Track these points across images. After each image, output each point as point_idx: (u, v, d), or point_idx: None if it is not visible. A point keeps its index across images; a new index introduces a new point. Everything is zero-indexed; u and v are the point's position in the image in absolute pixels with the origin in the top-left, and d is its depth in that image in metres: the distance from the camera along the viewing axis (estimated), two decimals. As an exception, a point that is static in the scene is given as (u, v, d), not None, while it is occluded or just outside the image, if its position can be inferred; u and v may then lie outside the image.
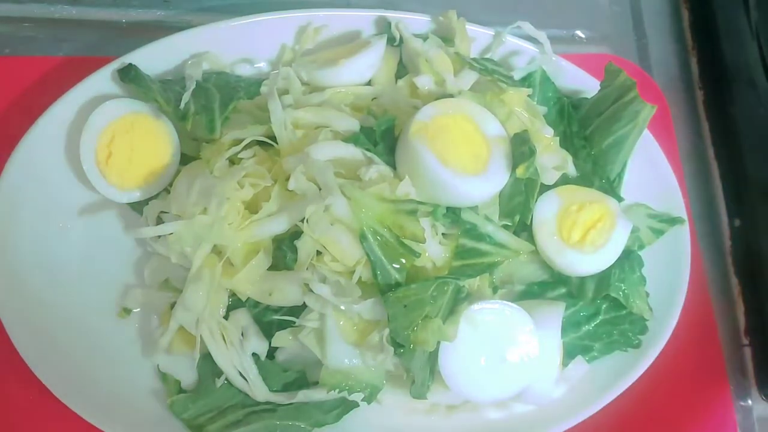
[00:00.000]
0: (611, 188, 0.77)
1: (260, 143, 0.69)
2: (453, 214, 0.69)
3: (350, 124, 0.70)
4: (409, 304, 0.62)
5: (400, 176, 0.67)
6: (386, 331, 0.63)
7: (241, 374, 0.67)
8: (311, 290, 0.65)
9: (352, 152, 0.67)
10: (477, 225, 0.70)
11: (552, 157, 0.73)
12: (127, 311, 0.71)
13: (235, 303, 0.69)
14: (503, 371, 0.66)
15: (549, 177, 0.72)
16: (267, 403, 0.68)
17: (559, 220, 0.72)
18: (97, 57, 0.75)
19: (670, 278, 0.75)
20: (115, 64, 0.71)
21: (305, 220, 0.63)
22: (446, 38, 0.77)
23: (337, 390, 0.65)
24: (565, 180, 0.75)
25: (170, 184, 0.71)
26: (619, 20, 0.98)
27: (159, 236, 0.67)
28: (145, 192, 0.71)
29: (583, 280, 0.73)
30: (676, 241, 0.77)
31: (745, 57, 0.91)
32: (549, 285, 0.75)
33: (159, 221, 0.70)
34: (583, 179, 0.76)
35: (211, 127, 0.69)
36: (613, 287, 0.72)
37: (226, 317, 0.68)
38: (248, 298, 0.68)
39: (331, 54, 0.76)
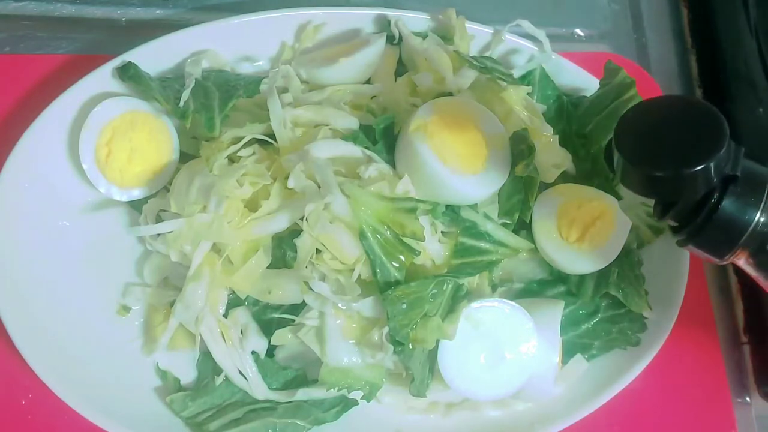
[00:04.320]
0: (610, 186, 0.77)
1: (260, 141, 0.69)
2: (452, 212, 0.69)
3: (349, 122, 0.70)
4: (409, 302, 0.62)
5: (399, 174, 0.67)
6: (386, 329, 0.63)
7: (240, 372, 0.67)
8: (311, 288, 0.65)
9: (352, 150, 0.67)
10: (476, 223, 0.70)
11: (551, 156, 0.73)
12: (126, 309, 0.71)
13: (234, 301, 0.69)
14: (502, 369, 0.66)
15: (548, 175, 0.72)
16: (266, 401, 0.68)
17: (559, 218, 0.72)
18: (96, 55, 0.74)
19: (669, 276, 0.76)
20: (115, 63, 0.71)
21: (305, 219, 0.63)
22: (445, 36, 0.77)
23: (336, 388, 0.65)
24: (564, 178, 0.75)
25: (170, 183, 0.71)
26: (618, 18, 0.98)
27: (158, 234, 0.68)
28: (144, 190, 0.71)
29: (582, 278, 0.73)
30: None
31: (744, 55, 0.91)
32: (548, 283, 0.75)
33: (158, 219, 0.70)
34: (583, 177, 0.76)
35: (210, 126, 0.69)
36: (613, 285, 0.72)
37: (225, 315, 0.68)
38: (248, 296, 0.68)
39: (331, 52, 0.76)
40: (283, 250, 0.66)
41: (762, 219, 0.48)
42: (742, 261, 0.51)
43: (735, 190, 0.48)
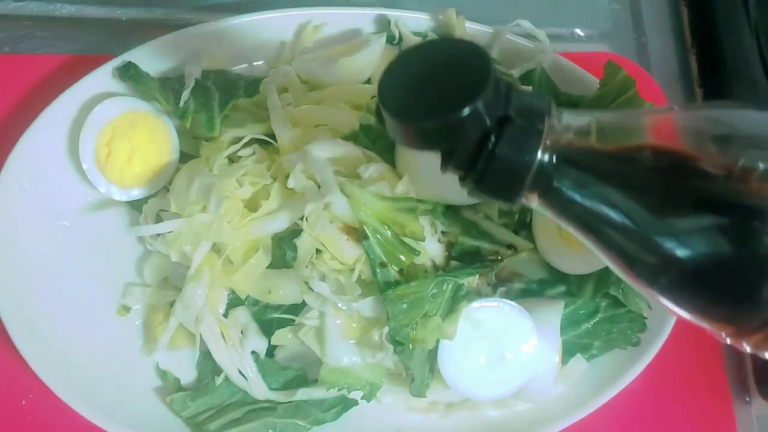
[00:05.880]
0: (610, 186, 0.77)
1: (260, 141, 0.69)
2: (452, 212, 0.69)
3: (350, 122, 0.70)
4: (409, 302, 0.62)
5: (399, 174, 0.67)
6: (386, 329, 0.63)
7: (240, 372, 0.67)
8: (311, 288, 0.65)
9: (352, 150, 0.67)
10: (476, 223, 0.70)
11: (551, 156, 0.73)
12: (126, 309, 0.71)
13: (234, 301, 0.69)
14: (502, 369, 0.66)
15: (548, 175, 0.72)
16: (266, 401, 0.68)
17: (559, 218, 0.72)
18: (96, 55, 0.74)
19: (670, 276, 0.75)
20: (115, 62, 0.71)
21: (305, 219, 0.63)
22: (445, 36, 0.77)
23: (336, 388, 0.66)
24: (564, 178, 0.75)
25: (170, 183, 0.71)
26: (618, 18, 0.98)
27: (158, 234, 0.68)
28: (144, 190, 0.71)
29: (582, 278, 0.73)
30: (675, 239, 0.76)
31: (744, 55, 0.91)
32: (548, 283, 0.75)
33: (158, 219, 0.70)
34: (583, 177, 0.76)
35: (210, 125, 0.69)
36: (613, 285, 0.71)
37: (225, 315, 0.68)
38: (248, 296, 0.68)
39: (331, 52, 0.76)
40: (283, 250, 0.66)
41: (543, 158, 0.45)
42: (534, 204, 0.47)
43: (510, 131, 0.44)
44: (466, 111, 0.43)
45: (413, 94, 0.46)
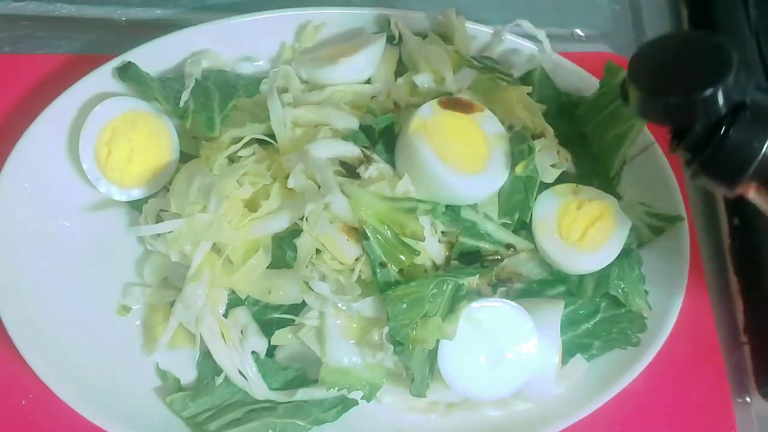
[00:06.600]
0: (610, 186, 0.77)
1: (259, 141, 0.69)
2: (452, 212, 0.69)
3: (349, 122, 0.70)
4: (409, 302, 0.62)
5: (399, 174, 0.67)
6: (386, 329, 0.63)
7: (240, 372, 0.67)
8: (311, 288, 0.65)
9: (352, 150, 0.67)
10: (476, 223, 0.70)
11: (551, 156, 0.73)
12: (126, 309, 0.71)
13: (234, 301, 0.69)
14: (503, 369, 0.66)
15: (548, 175, 0.72)
16: (266, 401, 0.68)
17: (559, 218, 0.72)
18: (96, 55, 0.74)
19: (669, 276, 0.76)
20: (115, 62, 0.71)
21: (305, 219, 0.63)
22: (445, 36, 0.77)
23: (336, 388, 0.65)
24: (564, 178, 0.75)
25: (170, 183, 0.71)
26: (618, 18, 0.98)
27: (158, 234, 0.68)
28: (144, 190, 0.71)
29: (582, 278, 0.73)
30: (675, 239, 0.77)
31: (744, 55, 0.91)
32: (548, 283, 0.75)
33: (158, 219, 0.70)
34: (583, 177, 0.76)
35: (210, 126, 0.69)
36: (613, 285, 0.72)
37: (225, 315, 0.68)
38: (248, 296, 0.68)
39: (331, 52, 0.76)
40: (283, 250, 0.66)
41: None
42: (752, 193, 0.52)
43: (744, 116, 0.50)
44: (709, 91, 0.49)
45: (660, 74, 0.53)
